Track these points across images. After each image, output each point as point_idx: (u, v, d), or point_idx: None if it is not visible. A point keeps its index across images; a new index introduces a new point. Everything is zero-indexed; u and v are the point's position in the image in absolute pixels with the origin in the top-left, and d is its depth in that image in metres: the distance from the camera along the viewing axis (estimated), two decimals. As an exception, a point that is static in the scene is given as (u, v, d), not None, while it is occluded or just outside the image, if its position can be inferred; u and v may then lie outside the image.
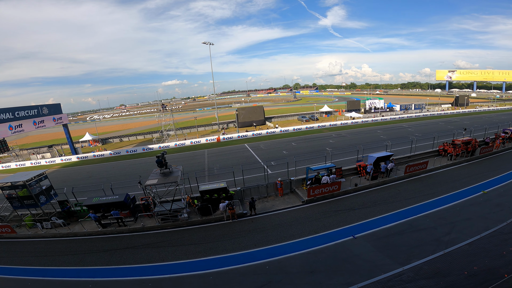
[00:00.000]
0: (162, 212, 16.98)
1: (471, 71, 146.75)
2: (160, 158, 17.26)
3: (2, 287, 12.99)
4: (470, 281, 9.69)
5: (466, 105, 75.94)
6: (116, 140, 63.85)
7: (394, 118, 61.39)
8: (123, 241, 16.07)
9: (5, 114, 34.89)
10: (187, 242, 15.13)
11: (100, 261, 14.21)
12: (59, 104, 45.92)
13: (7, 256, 15.74)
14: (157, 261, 13.62)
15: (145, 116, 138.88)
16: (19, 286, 12.90)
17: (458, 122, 50.20)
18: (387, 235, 13.75)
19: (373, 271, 10.99)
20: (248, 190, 19.79)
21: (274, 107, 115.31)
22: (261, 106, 69.72)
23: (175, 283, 11.86)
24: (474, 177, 20.33)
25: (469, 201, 16.61)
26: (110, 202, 17.38)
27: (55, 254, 15.42)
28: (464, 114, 63.70)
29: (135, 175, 24.40)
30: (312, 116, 67.54)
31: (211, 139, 50.24)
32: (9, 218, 19.38)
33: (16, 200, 17.61)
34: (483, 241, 12.18)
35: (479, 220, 14.18)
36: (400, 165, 23.15)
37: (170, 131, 57.59)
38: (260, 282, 11.21)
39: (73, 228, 17.87)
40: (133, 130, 78.55)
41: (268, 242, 14.21)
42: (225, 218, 17.18)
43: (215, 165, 32.58)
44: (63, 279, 13.12)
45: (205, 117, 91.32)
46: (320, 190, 18.76)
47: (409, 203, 16.98)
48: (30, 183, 17.36)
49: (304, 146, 39.33)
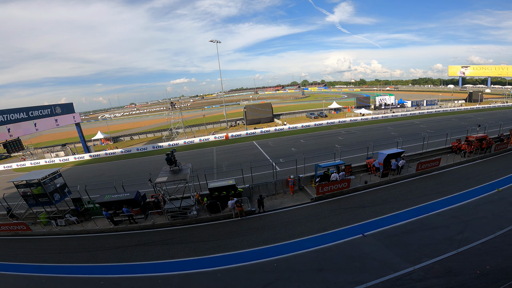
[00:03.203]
0: (171, 210, 17.18)
1: (485, 66, 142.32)
2: (169, 155, 17.44)
3: (18, 285, 13.31)
4: (481, 281, 9.48)
5: (480, 101, 73.68)
6: (127, 138, 64.96)
7: (405, 114, 60.17)
8: (134, 238, 16.36)
9: (20, 113, 35.90)
10: (196, 239, 15.28)
11: (112, 257, 14.49)
12: (71, 103, 46.96)
13: (22, 254, 16.16)
14: (167, 258, 13.82)
15: (155, 115, 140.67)
16: (35, 284, 13.20)
17: (472, 119, 48.81)
18: (397, 234, 13.54)
19: (383, 270, 10.85)
20: (256, 187, 19.81)
21: (282, 104, 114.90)
22: (269, 103, 69.59)
23: (184, 280, 12.01)
24: (489, 174, 19.76)
25: (483, 199, 16.17)
26: (121, 200, 17.64)
27: (69, 251, 15.81)
28: (478, 110, 61.87)
29: (145, 173, 24.77)
30: (320, 113, 66.96)
31: (220, 137, 50.52)
32: (25, 215, 19.90)
33: (31, 198, 18.06)
34: (497, 240, 11.86)
35: (493, 219, 13.80)
36: (412, 162, 22.72)
37: (179, 129, 58.17)
38: (268, 280, 11.24)
39: (86, 225, 18.29)
40: (143, 128, 79.71)
41: (276, 240, 14.21)
42: (233, 216, 17.26)
43: (223, 162, 32.76)
44: (76, 275, 13.41)
45: (213, 115, 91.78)
46: (329, 187, 18.62)
47: (421, 201, 16.65)
48: (44, 181, 17.81)
49: (312, 143, 39.08)
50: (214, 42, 61.54)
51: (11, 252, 16.50)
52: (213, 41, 61.39)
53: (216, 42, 61.58)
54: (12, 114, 34.81)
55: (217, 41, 61.34)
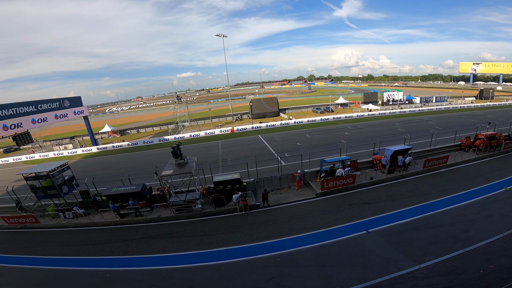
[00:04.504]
0: (177, 203, 17.36)
1: (497, 63, 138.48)
2: (175, 149, 17.55)
3: (25, 277, 13.57)
4: (484, 280, 9.40)
5: (491, 99, 72.04)
6: (134, 131, 65.58)
7: (414, 110, 59.24)
8: (139, 231, 16.60)
9: (29, 107, 36.45)
10: (200, 233, 15.44)
11: (118, 250, 14.73)
12: (79, 97, 47.41)
13: (30, 246, 16.45)
14: (171, 251, 14.01)
15: (161, 108, 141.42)
16: (41, 276, 13.44)
17: (482, 116, 47.80)
18: (402, 231, 13.46)
19: (386, 267, 10.83)
20: (261, 181, 19.85)
21: (288, 98, 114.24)
22: (275, 98, 69.22)
23: (187, 273, 12.17)
24: (497, 173, 19.42)
25: (490, 198, 15.92)
26: (128, 192, 17.86)
27: (76, 244, 16.08)
28: (489, 107, 60.49)
29: (151, 166, 24.97)
30: (327, 108, 66.36)
31: (225, 130, 50.61)
32: (33, 208, 20.18)
33: (39, 190, 18.40)
34: (503, 240, 11.70)
35: (500, 218, 13.60)
36: (419, 159, 22.44)
37: (185, 122, 58.45)
38: (270, 274, 11.32)
39: (93, 218, 18.61)
40: (150, 122, 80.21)
41: (280, 235, 14.28)
42: (238, 210, 17.37)
43: (229, 156, 32.87)
44: (82, 268, 13.65)
45: (219, 109, 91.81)
46: (334, 183, 18.55)
47: (427, 199, 16.49)
48: (53, 173, 18.13)
49: (318, 138, 38.89)
50: (220, 36, 61.26)
51: (20, 245, 16.80)
52: (219, 35, 61.11)
53: (222, 36, 61.27)
54: (21, 108, 35.38)
55: (223, 35, 61.03)
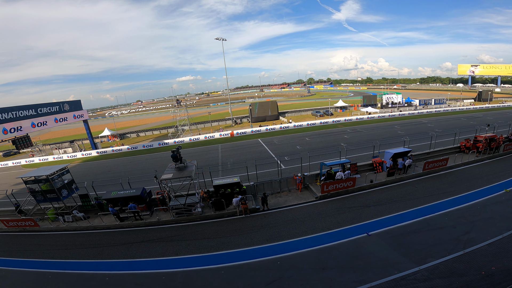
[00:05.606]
0: (176, 206, 17.31)
1: (495, 65, 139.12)
2: (175, 153, 17.55)
3: (24, 281, 13.48)
4: (486, 282, 9.37)
5: (490, 100, 72.22)
6: (133, 135, 65.59)
7: (413, 113, 59.36)
8: (139, 234, 16.54)
9: (29, 110, 36.49)
10: (200, 237, 15.39)
11: (117, 254, 14.68)
12: (79, 100, 47.59)
13: (30, 249, 16.38)
14: (171, 254, 13.95)
15: (161, 112, 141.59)
16: (40, 279, 13.35)
17: (481, 118, 47.96)
18: (402, 233, 13.43)
19: (387, 270, 10.79)
20: (261, 185, 19.82)
21: (287, 102, 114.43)
22: (275, 101, 69.32)
23: (187, 277, 12.10)
24: (497, 175, 19.42)
25: (490, 200, 15.91)
26: (127, 196, 17.84)
27: (76, 247, 16.01)
28: (488, 109, 60.72)
29: (151, 170, 24.97)
30: (326, 111, 66.52)
31: (225, 134, 50.62)
32: (33, 211, 20.07)
33: (39, 194, 18.35)
34: (504, 241, 11.68)
35: (501, 220, 13.58)
36: (419, 162, 22.45)
37: (185, 126, 58.45)
38: (271, 278, 11.26)
39: (92, 221, 18.54)
40: (149, 125, 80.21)
41: (280, 238, 14.23)
42: (238, 213, 17.32)
43: (228, 159, 32.86)
44: (81, 272, 13.60)
45: (218, 112, 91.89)
46: (334, 186, 18.53)
47: (427, 201, 16.47)
48: (52, 177, 18.07)
49: (318, 141, 38.92)
50: (219, 40, 61.57)
51: (19, 248, 16.74)
52: (218, 39, 61.42)
53: (222, 40, 61.57)
54: (21, 111, 35.43)
55: (222, 39, 61.33)
